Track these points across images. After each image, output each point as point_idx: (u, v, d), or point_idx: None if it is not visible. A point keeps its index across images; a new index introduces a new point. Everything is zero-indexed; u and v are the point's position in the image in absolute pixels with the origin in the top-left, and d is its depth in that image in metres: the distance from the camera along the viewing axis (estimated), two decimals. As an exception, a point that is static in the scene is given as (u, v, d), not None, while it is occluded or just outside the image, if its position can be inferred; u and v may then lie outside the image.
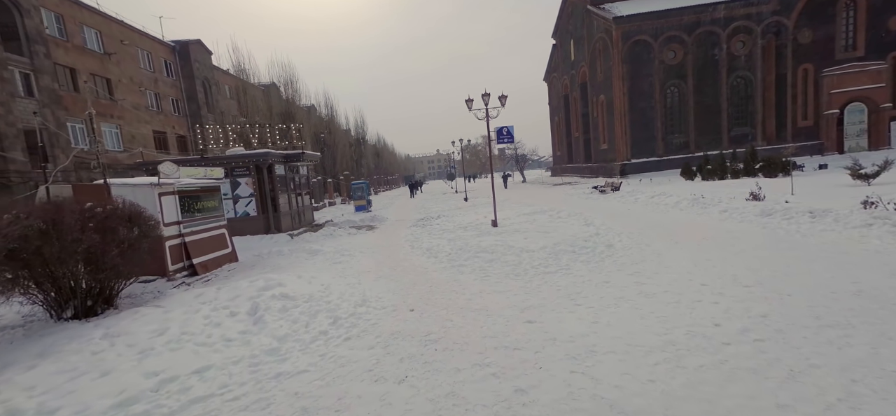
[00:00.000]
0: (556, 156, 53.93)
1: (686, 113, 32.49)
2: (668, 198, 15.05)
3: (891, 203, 7.90)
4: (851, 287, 4.77)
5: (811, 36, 30.89)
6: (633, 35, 32.02)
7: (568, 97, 45.76)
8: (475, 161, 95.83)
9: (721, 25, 31.35)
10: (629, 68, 32.27)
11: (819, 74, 30.90)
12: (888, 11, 29.89)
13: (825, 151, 30.53)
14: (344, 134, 43.95)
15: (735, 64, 31.82)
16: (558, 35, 46.73)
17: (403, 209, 25.59)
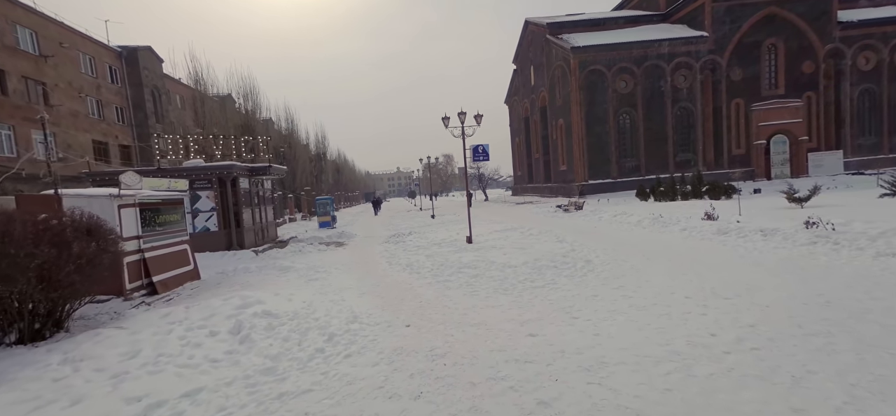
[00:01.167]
0: (517, 176, 55.56)
1: (637, 138, 34.83)
2: (630, 217, 15.94)
3: (829, 223, 8.88)
4: (818, 299, 5.27)
5: (741, 74, 34.49)
6: (589, 64, 34.10)
7: (528, 120, 47.58)
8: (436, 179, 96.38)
9: (665, 60, 34.22)
10: (586, 95, 34.22)
11: (749, 108, 34.45)
12: (802, 57, 34.19)
13: (756, 177, 33.86)
14: (304, 149, 42.68)
15: (678, 96, 34.74)
16: (519, 61, 48.77)
17: (370, 226, 25.10)
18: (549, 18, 40.28)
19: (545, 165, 43.44)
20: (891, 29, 33.94)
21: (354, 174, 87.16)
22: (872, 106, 34.75)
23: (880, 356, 3.61)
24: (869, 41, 34.10)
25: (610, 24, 38.75)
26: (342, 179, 65.12)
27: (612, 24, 38.79)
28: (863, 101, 34.75)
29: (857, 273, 6.33)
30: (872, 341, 3.91)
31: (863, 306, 4.91)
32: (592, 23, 38.69)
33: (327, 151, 52.47)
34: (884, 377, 3.25)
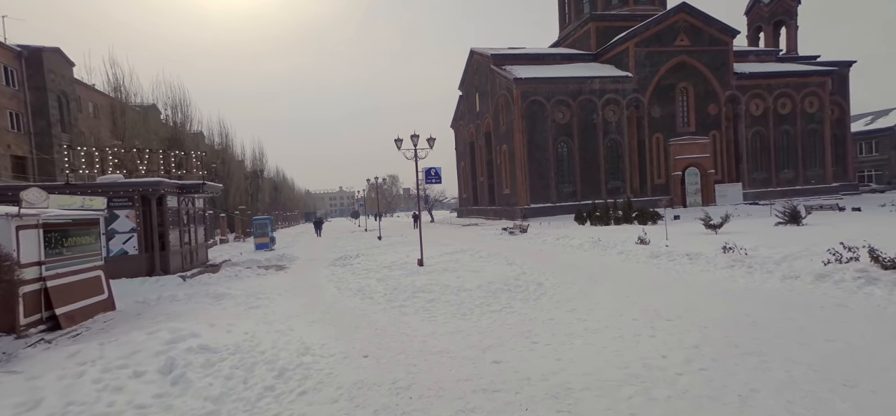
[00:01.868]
0: (462, 198, 56.54)
1: (573, 166, 37.28)
2: (572, 240, 16.81)
3: (742, 249, 10.06)
4: (746, 319, 5.87)
5: (660, 112, 38.62)
6: (530, 95, 36.17)
7: (474, 144, 48.97)
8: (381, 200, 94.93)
9: (597, 96, 37.35)
10: (527, 123, 36.13)
11: (667, 143, 38.51)
12: (708, 100, 39.19)
13: (674, 204, 37.65)
14: (239, 165, 40.05)
15: (608, 128, 37.92)
16: (465, 88, 50.37)
17: (312, 248, 23.91)
18: (493, 50, 42.27)
19: (490, 188, 44.72)
20: (773, 82, 40.15)
21: (294, 193, 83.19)
22: (763, 146, 40.52)
23: (805, 373, 4.06)
24: (758, 91, 40.00)
25: (548, 59, 41.62)
26: (280, 197, 61.78)
27: (550, 59, 41.70)
28: (755, 141, 40.41)
29: (771, 294, 7.17)
30: (796, 359, 4.40)
31: (781, 325, 5.55)
32: (533, 57, 41.28)
33: (265, 169, 49.67)
34: (812, 393, 3.65)
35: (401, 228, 39.28)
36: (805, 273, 7.78)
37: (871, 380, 3.82)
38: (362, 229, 42.20)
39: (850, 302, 6.34)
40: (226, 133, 35.85)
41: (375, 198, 48.92)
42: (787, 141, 40.66)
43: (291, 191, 79.22)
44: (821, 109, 40.97)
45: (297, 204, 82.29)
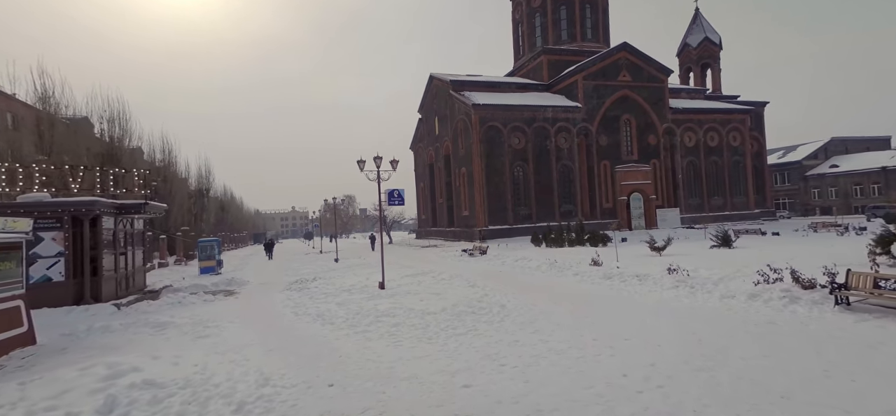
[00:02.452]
0: (421, 219, 56.46)
1: (529, 189, 38.68)
2: (530, 262, 17.32)
3: (685, 270, 10.90)
4: (693, 337, 6.34)
5: (607, 141, 41.36)
6: (488, 120, 37.39)
7: (433, 167, 49.41)
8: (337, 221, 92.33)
9: (550, 123, 39.36)
10: (485, 148, 37.19)
11: (613, 169, 41.18)
12: (648, 131, 42.62)
13: (620, 227, 40.02)
14: (183, 183, 37.43)
15: (561, 154, 39.94)
16: (424, 111, 51.08)
17: (264, 271, 22.71)
18: (452, 76, 43.42)
19: (448, 210, 45.10)
20: (703, 117, 44.48)
21: (242, 213, 78.84)
22: (696, 174, 44.42)
23: (749, 387, 4.46)
24: (690, 125, 44.07)
25: (504, 87, 43.41)
26: (228, 217, 58.27)
27: (506, 87, 43.53)
28: (690, 170, 44.23)
29: (712, 313, 7.81)
30: (740, 374, 4.82)
31: (723, 342, 6.05)
32: (490, 85, 42.88)
33: (212, 187, 46.84)
34: (756, 407, 4.01)
35: (358, 249, 38.38)
36: (739, 293, 8.57)
37: (804, 392, 4.27)
38: (317, 250, 40.76)
39: (778, 319, 7.06)
40: (169, 149, 33.53)
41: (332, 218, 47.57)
42: (716, 171, 44.87)
43: (240, 211, 75.03)
44: (743, 143, 45.81)
45: (245, 225, 77.91)
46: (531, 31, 49.37)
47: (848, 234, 22.29)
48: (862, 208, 45.40)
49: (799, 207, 55.82)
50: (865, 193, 50.04)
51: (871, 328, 6.20)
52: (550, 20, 47.13)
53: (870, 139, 59.94)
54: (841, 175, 52.92)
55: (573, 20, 47.00)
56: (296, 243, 77.47)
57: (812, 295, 7.74)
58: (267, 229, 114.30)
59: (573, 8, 46.89)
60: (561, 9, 47.15)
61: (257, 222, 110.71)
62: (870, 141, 59.40)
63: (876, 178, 49.58)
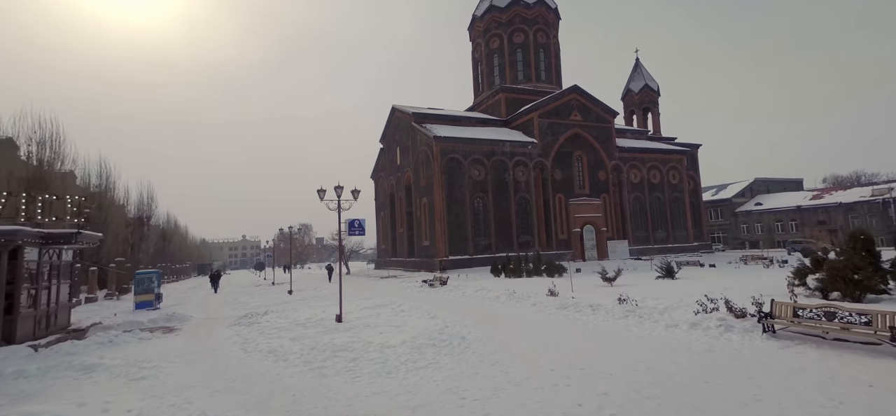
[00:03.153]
0: (380, 249, 55.55)
1: (488, 220, 39.50)
2: (490, 292, 17.51)
3: (634, 300, 11.53)
4: (642, 365, 6.68)
5: (561, 175, 43.51)
6: (449, 152, 38.22)
7: (394, 196, 49.26)
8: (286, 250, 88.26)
9: (508, 157, 40.90)
10: (446, 179, 37.80)
11: (567, 202, 43.17)
12: (598, 167, 45.42)
13: (574, 258, 41.64)
14: (120, 211, 34.60)
15: (519, 187, 41.39)
16: (386, 141, 51.32)
17: (209, 305, 21.24)
18: (414, 108, 44.24)
19: (409, 239, 44.84)
20: (646, 156, 48.09)
21: (186, 242, 73.73)
22: (641, 209, 47.50)
23: (691, 413, 4.76)
24: (635, 163, 47.46)
25: (465, 121, 44.81)
26: (169, 247, 54.18)
27: (467, 121, 44.95)
28: (636, 205, 47.25)
29: (659, 341, 8.29)
30: (684, 400, 5.14)
31: (669, 370, 6.43)
32: (451, 118, 44.09)
33: (153, 215, 43.63)
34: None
35: (314, 281, 36.93)
36: (682, 322, 9.18)
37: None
38: (269, 282, 38.80)
39: (715, 347, 7.62)
40: (107, 175, 31.08)
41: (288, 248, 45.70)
42: (659, 206, 48.27)
43: (184, 240, 70.07)
44: (681, 181, 49.82)
45: (189, 255, 72.58)
46: (490, 69, 51.80)
47: (772, 266, 24.61)
48: (783, 243, 50.40)
49: (731, 240, 60.96)
50: (785, 229, 55.72)
51: (793, 355, 6.86)
52: (508, 61, 49.82)
53: (786, 180, 67.34)
54: (764, 212, 58.71)
55: (528, 62, 49.95)
56: (246, 274, 73.28)
57: (744, 323, 8.45)
58: (213, 260, 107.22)
59: (528, 51, 49.97)
60: (517, 51, 50.10)
61: (203, 252, 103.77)
62: (786, 182, 66.72)
63: (793, 215, 55.47)
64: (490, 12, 51.65)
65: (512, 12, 50.28)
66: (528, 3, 50.53)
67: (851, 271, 10.49)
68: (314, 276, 47.22)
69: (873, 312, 6.79)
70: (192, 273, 67.28)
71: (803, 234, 49.03)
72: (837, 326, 7.06)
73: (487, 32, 52.16)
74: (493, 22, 51.48)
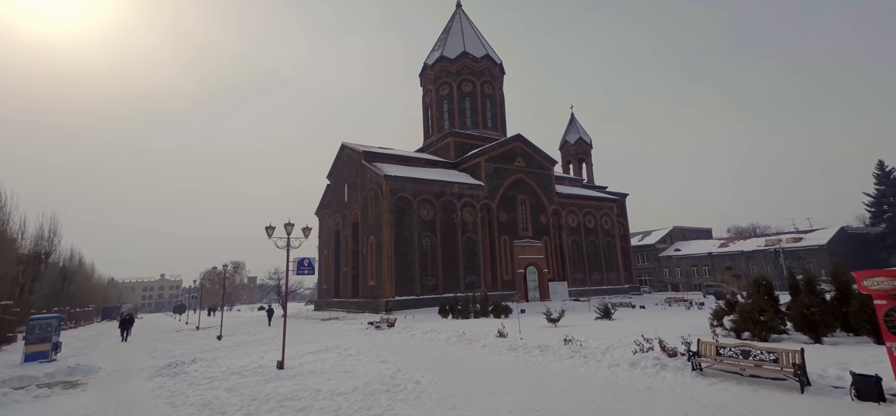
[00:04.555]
0: (321, 289, 52.88)
1: (436, 260, 39.58)
2: (439, 334, 17.35)
3: (578, 341, 12.10)
4: (591, 404, 7.01)
5: (506, 217, 45.30)
6: (399, 191, 38.34)
7: (340, 234, 47.80)
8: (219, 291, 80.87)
9: (457, 198, 41.93)
10: (395, 217, 37.65)
11: (512, 244, 44.75)
12: (540, 211, 48.03)
13: (518, 299, 42.75)
14: (10, 245, 29.80)
15: (466, 227, 42.30)
16: (333, 177, 50.32)
17: (121, 354, 18.74)
18: (364, 147, 44.23)
19: (354, 279, 43.36)
20: (582, 202, 51.78)
21: (91, 282, 64.84)
22: (579, 252, 50.48)
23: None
24: (573, 208, 50.84)
25: (415, 161, 45.54)
26: (70, 288, 47.21)
27: (416, 162, 45.70)
28: (574, 248, 50.16)
29: (604, 381, 8.75)
30: (632, 432, 5.47)
31: (615, 408, 6.82)
32: (401, 158, 44.60)
33: (54, 251, 38.05)
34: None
35: (247, 324, 34.07)
36: (623, 362, 9.79)
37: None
38: (192, 326, 35.09)
39: (654, 384, 8.21)
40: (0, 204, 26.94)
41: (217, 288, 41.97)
42: (594, 249, 51.63)
43: (88, 280, 61.43)
44: (613, 227, 53.97)
45: (93, 296, 63.41)
46: (440, 114, 53.75)
47: (693, 308, 27.10)
48: (699, 286, 55.89)
49: (656, 282, 66.38)
50: (700, 273, 61.98)
51: (718, 391, 7.60)
52: (457, 108, 52.16)
53: (699, 229, 75.67)
54: (682, 258, 65.06)
55: (476, 110, 52.67)
56: (163, 318, 65.63)
57: (675, 362, 9.23)
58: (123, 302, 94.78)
59: (476, 100, 52.86)
60: (466, 99, 52.78)
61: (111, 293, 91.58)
62: (699, 231, 74.95)
63: (706, 261, 62.05)
64: (441, 62, 54.27)
65: (461, 64, 53.27)
66: (476, 56, 53.96)
67: (758, 314, 11.97)
68: (246, 319, 43.55)
69: (780, 350, 7.79)
70: (94, 318, 58.77)
71: (715, 278, 54.85)
72: (752, 363, 7.98)
73: (438, 80, 54.51)
74: (444, 71, 54.05)
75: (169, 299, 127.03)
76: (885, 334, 6.16)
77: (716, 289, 38.37)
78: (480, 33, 59.26)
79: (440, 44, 57.12)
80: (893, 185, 52.51)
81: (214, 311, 63.26)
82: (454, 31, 57.08)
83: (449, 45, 55.18)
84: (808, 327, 11.21)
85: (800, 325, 11.43)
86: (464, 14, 60.55)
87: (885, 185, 53.14)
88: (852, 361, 8.12)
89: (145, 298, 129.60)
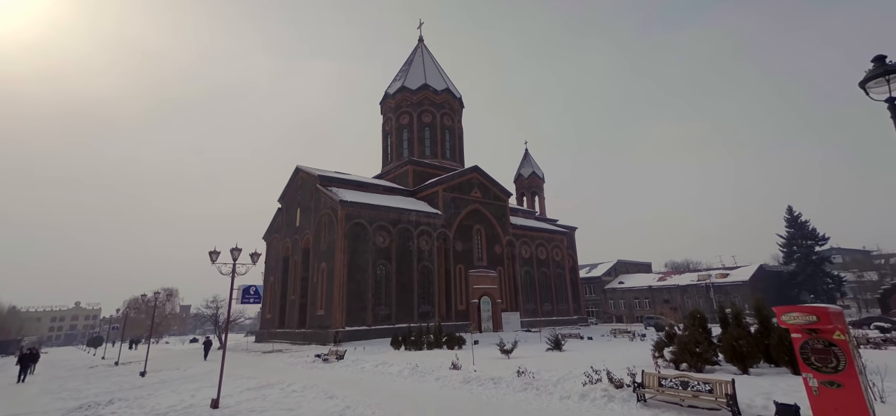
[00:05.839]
0: (265, 319, 49.53)
1: (390, 289, 38.69)
2: (391, 367, 16.78)
3: (531, 373, 12.20)
4: (545, 435, 7.02)
5: (462, 247, 45.61)
6: (354, 217, 37.47)
7: (289, 260, 45.52)
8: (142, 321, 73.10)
9: (413, 226, 41.70)
10: (350, 244, 36.59)
11: (467, 273, 44.92)
12: (495, 241, 48.93)
13: (471, 329, 42.63)
14: None
15: (422, 256, 41.98)
16: (286, 201, 48.34)
17: (17, 397, 16.31)
18: (320, 171, 43.19)
19: (301, 308, 41.18)
20: (535, 234, 53.47)
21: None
22: (531, 283, 51.67)
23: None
24: (526, 239, 52.31)
25: (372, 187, 45.05)
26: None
27: (373, 188, 45.23)
28: (526, 278, 51.30)
29: (556, 413, 8.83)
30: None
31: (568, 438, 6.87)
32: (357, 183, 43.95)
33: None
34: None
35: (177, 358, 31.03)
36: (573, 394, 9.98)
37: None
38: (110, 361, 31.41)
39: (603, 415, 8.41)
40: None
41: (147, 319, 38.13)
42: (546, 280, 53.10)
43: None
44: (563, 259, 56.01)
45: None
46: (399, 142, 54.02)
47: (636, 339, 28.46)
48: (641, 318, 58.95)
49: (602, 313, 69.21)
50: (641, 305, 65.53)
51: (662, 419, 7.93)
52: (416, 137, 52.76)
53: (640, 263, 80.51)
54: (626, 290, 68.61)
55: (435, 140, 53.56)
56: (76, 352, 58.23)
57: (622, 393, 9.55)
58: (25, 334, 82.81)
59: (436, 131, 53.86)
60: (425, 129, 53.62)
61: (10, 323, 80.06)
62: (640, 265, 79.73)
63: (646, 294, 65.84)
64: (401, 92, 55.04)
65: (422, 95, 54.34)
66: (437, 89, 55.36)
67: (694, 345, 12.80)
68: (176, 352, 39.70)
69: (714, 381, 8.33)
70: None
71: (655, 310, 58.18)
72: (690, 394, 8.45)
73: (398, 109, 55.05)
74: (404, 101, 54.77)
75: (83, 330, 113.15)
76: (801, 365, 6.79)
77: (656, 321, 40.62)
78: (441, 68, 61.12)
79: (402, 74, 58.11)
80: (801, 228, 59.34)
81: (137, 343, 56.91)
82: (416, 64, 58.42)
83: (411, 77, 56.26)
84: (737, 358, 12.12)
85: (730, 356, 12.33)
86: (426, 48, 62.34)
87: (794, 228, 59.93)
88: (775, 391, 8.84)
89: (54, 329, 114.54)
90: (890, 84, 6.81)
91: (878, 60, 6.99)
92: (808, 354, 6.61)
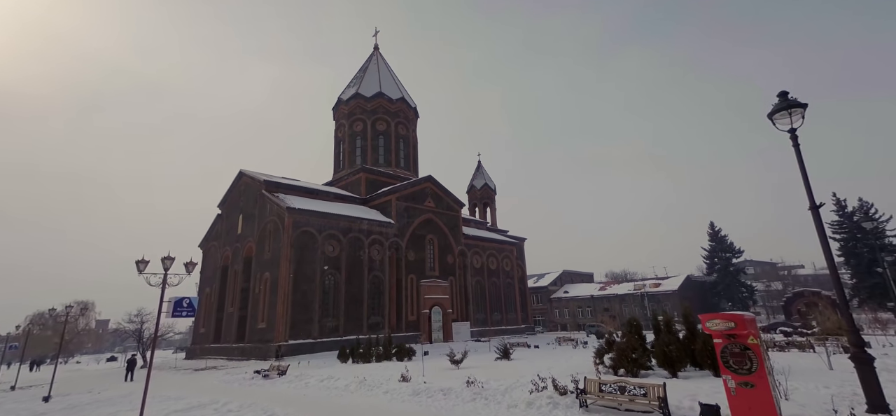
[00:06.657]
0: (198, 334, 45.70)
1: (339, 300, 37.43)
2: (338, 381, 16.15)
3: (480, 383, 12.31)
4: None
5: (414, 256, 45.34)
6: (302, 225, 35.95)
7: (228, 269, 42.55)
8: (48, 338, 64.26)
9: (365, 235, 40.84)
10: (296, 253, 34.99)
11: (419, 283, 44.67)
12: (447, 251, 49.19)
13: (421, 340, 42.31)
14: None
15: (373, 266, 41.14)
16: (226, 206, 45.36)
17: None
18: (266, 176, 41.13)
19: (240, 321, 38.58)
20: (486, 244, 54.47)
21: None
22: (482, 292, 52.42)
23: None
24: (477, 249, 53.13)
25: (322, 195, 43.60)
26: None
27: (324, 195, 43.81)
28: (477, 288, 51.98)
29: (503, 421, 8.96)
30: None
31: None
32: (307, 190, 42.36)
33: None
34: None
35: (90, 379, 27.75)
36: (520, 402, 10.19)
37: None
38: (5, 385, 27.39)
39: (548, 421, 8.65)
40: None
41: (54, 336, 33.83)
42: (496, 290, 54.14)
43: None
44: (513, 269, 57.50)
45: None
46: (352, 149, 52.93)
47: (579, 347, 29.74)
48: (583, 326, 61.82)
49: (548, 322, 71.74)
50: (584, 314, 68.80)
51: (601, 423, 8.32)
52: (370, 145, 52.02)
53: (583, 273, 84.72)
54: (570, 299, 71.76)
55: (389, 149, 53.13)
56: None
57: (566, 400, 9.91)
58: None
59: (390, 139, 53.45)
60: (380, 138, 53.05)
61: None
62: (583, 275, 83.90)
63: (589, 303, 69.28)
64: (356, 99, 54.14)
65: (376, 103, 53.82)
66: (392, 98, 55.09)
67: (631, 352, 13.64)
68: (89, 373, 35.54)
69: (648, 385, 8.90)
70: None
71: (596, 319, 61.26)
72: (627, 398, 8.96)
73: (352, 116, 54.04)
74: (358, 108, 53.91)
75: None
76: (721, 368, 7.47)
77: (597, 329, 42.80)
78: (397, 77, 60.97)
79: (356, 81, 57.24)
80: (721, 242, 65.72)
81: (40, 364, 50.08)
82: (371, 71, 57.83)
83: (365, 84, 55.57)
84: (668, 363, 13.06)
85: (661, 361, 13.26)
86: (381, 56, 61.95)
87: (715, 242, 66.25)
88: (700, 392, 9.62)
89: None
90: (791, 116, 7.81)
91: (781, 96, 7.97)
92: (728, 357, 7.28)
